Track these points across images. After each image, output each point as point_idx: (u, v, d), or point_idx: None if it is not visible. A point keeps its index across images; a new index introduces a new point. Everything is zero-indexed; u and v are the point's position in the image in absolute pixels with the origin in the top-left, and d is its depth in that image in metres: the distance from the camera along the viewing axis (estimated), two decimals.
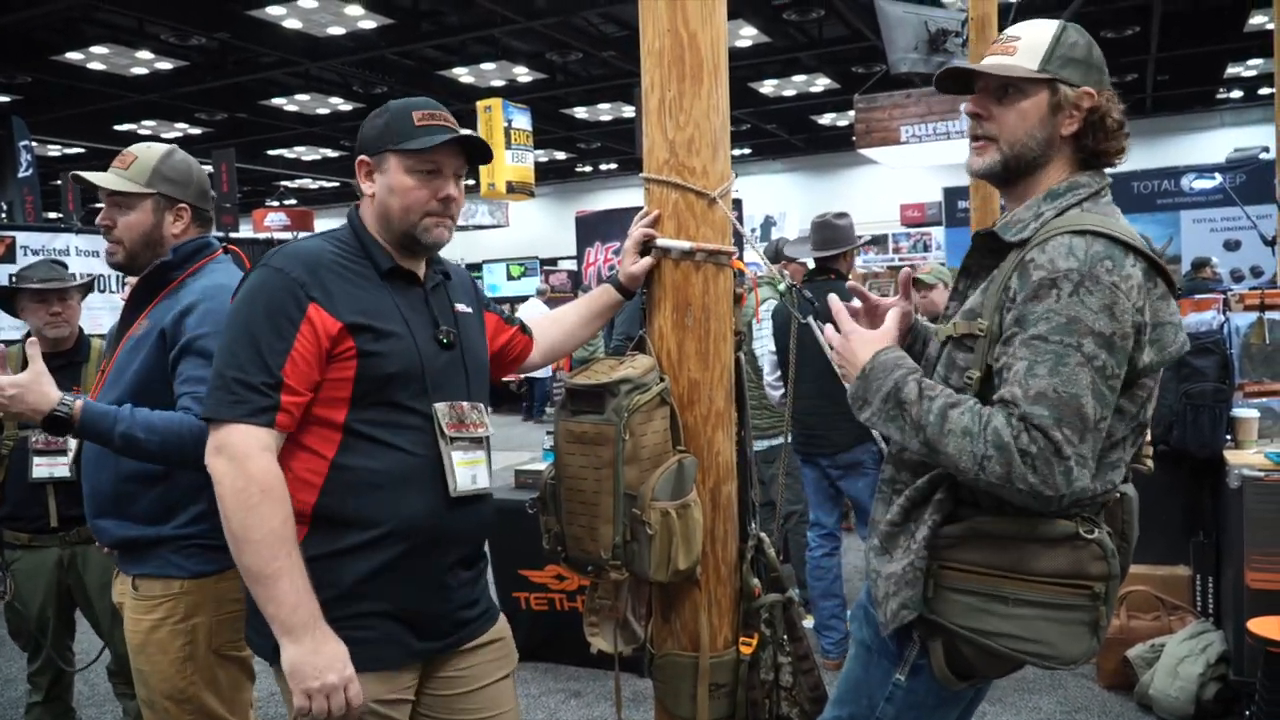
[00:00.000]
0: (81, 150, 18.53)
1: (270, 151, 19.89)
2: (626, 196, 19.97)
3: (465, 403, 1.81)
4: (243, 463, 1.60)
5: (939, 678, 1.65)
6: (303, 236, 1.94)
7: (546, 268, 17.50)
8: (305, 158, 20.85)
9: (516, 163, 11.33)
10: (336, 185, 23.52)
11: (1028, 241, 1.58)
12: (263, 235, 16.10)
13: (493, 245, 20.20)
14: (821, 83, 16.06)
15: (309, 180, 23.51)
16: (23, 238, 7.38)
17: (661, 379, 1.90)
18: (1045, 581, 1.54)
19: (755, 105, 16.85)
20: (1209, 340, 3.86)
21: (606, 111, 17.55)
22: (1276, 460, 3.46)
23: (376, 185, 1.79)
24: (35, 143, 13.35)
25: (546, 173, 22.16)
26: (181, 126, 17.24)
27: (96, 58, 12.86)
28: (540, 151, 19.21)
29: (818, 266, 4.38)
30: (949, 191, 13.31)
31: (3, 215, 12.60)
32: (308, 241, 1.79)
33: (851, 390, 1.65)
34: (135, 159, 2.23)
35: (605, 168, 23.63)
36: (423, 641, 1.77)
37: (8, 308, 3.22)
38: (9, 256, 7.11)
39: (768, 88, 16.22)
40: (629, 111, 16.56)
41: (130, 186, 2.20)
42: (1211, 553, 3.88)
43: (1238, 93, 17.84)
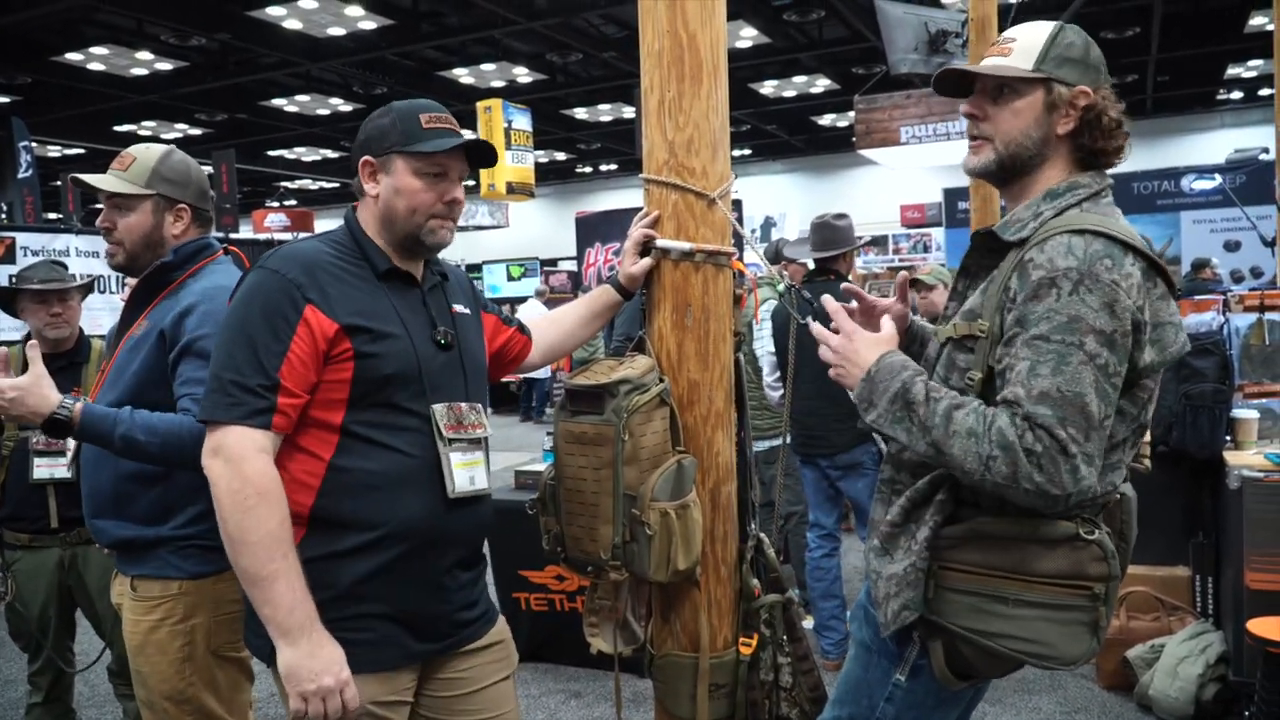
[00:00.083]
0: (81, 151, 18.54)
1: (270, 152, 19.90)
2: (626, 197, 19.98)
3: (463, 404, 1.81)
4: (239, 465, 1.60)
5: (939, 678, 1.65)
6: (301, 238, 1.93)
7: (546, 268, 17.49)
8: (305, 158, 20.87)
9: (516, 163, 11.34)
10: (336, 186, 23.52)
11: (1026, 241, 1.58)
12: (263, 236, 16.08)
13: (493, 246, 20.20)
14: (821, 83, 16.06)
15: (309, 181, 23.52)
16: (23, 238, 7.37)
17: (661, 380, 1.89)
18: (1045, 582, 1.54)
19: (755, 106, 16.86)
20: (1209, 341, 3.86)
21: (606, 112, 17.55)
22: (1276, 461, 3.46)
23: (381, 186, 1.79)
24: (35, 143, 13.36)
25: (546, 173, 22.17)
26: (181, 127, 17.24)
27: (96, 58, 12.87)
28: (540, 152, 19.22)
29: (817, 267, 4.38)
30: (949, 192, 13.33)
31: (3, 216, 12.61)
32: (304, 243, 1.79)
33: (857, 393, 1.64)
34: (134, 160, 2.23)
35: (605, 168, 23.64)
36: (421, 643, 1.77)
37: (8, 308, 3.22)
38: (9, 257, 7.10)
39: (768, 88, 16.22)
40: (629, 112, 16.57)
41: (129, 188, 2.20)
42: (1211, 553, 3.88)
43: (1238, 94, 17.85)
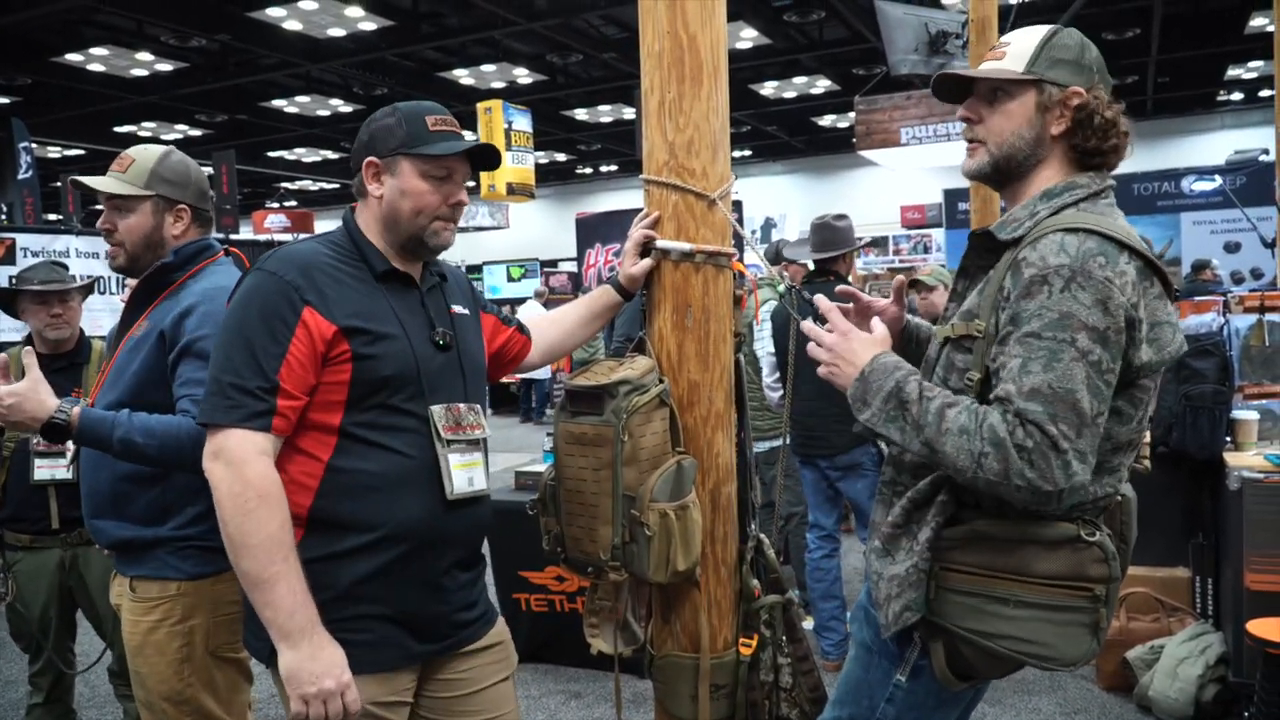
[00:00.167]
0: (81, 152, 18.55)
1: (270, 153, 19.91)
2: (626, 198, 20.00)
3: (462, 404, 1.81)
4: (239, 468, 1.60)
5: (939, 679, 1.65)
6: (301, 239, 1.93)
7: (547, 269, 17.49)
8: (305, 159, 20.88)
9: (517, 164, 11.34)
10: (336, 187, 23.53)
11: (1021, 240, 1.58)
12: (263, 237, 16.09)
13: (493, 247, 20.21)
14: (822, 84, 16.07)
15: (309, 182, 23.53)
16: (23, 239, 7.36)
17: (661, 380, 1.89)
18: (1046, 584, 1.54)
19: (755, 107, 16.86)
20: (1209, 342, 3.86)
21: (607, 113, 17.56)
22: (1276, 462, 3.46)
23: (386, 188, 1.78)
24: (35, 144, 13.37)
25: (547, 174, 22.17)
26: (182, 128, 17.25)
27: (96, 59, 12.88)
28: (540, 153, 19.23)
29: (817, 268, 4.39)
30: (949, 193, 13.32)
31: (2, 217, 12.62)
32: (301, 245, 1.79)
33: (851, 392, 1.65)
34: (133, 161, 2.23)
35: (605, 169, 23.65)
36: (421, 644, 1.77)
37: (8, 309, 3.21)
38: (9, 258, 7.09)
39: (768, 89, 16.23)
40: (629, 113, 16.58)
41: (129, 189, 2.20)
42: (1211, 554, 3.88)
43: (1238, 95, 17.86)
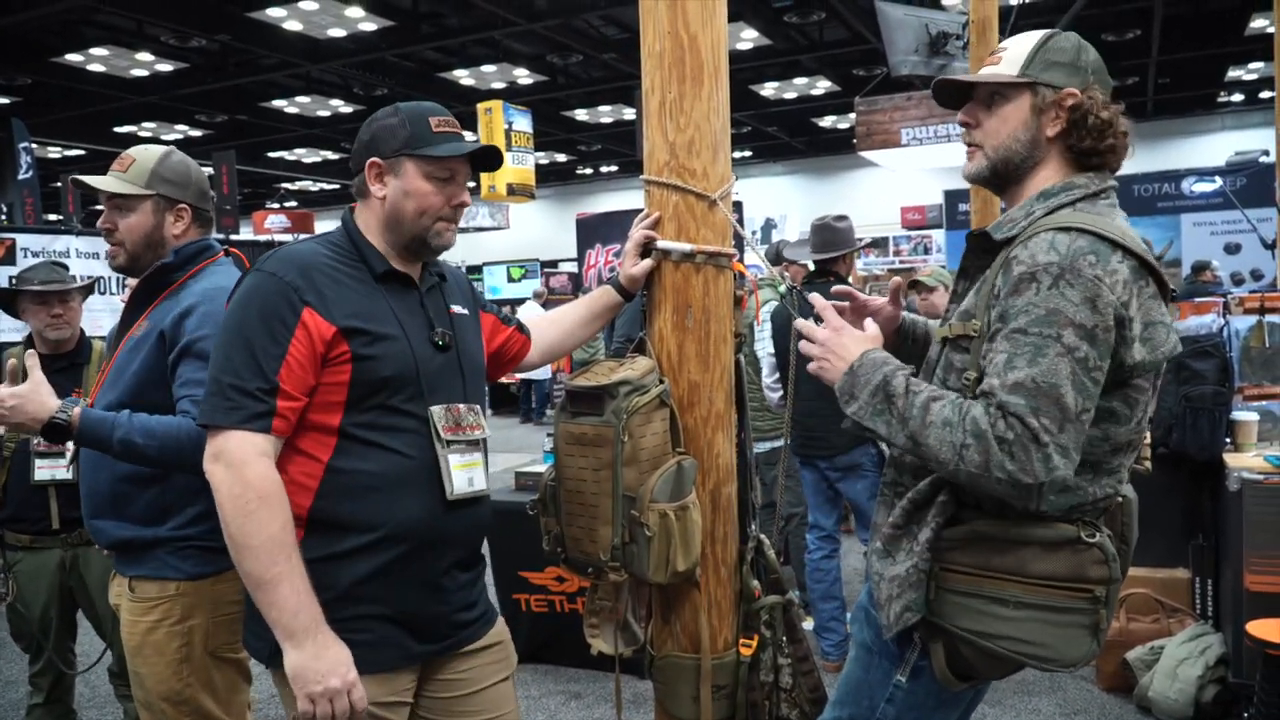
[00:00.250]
0: (81, 152, 18.55)
1: (271, 154, 19.91)
2: (627, 199, 19.99)
3: (462, 405, 1.82)
4: (240, 469, 1.60)
5: (940, 679, 1.65)
6: (300, 239, 1.93)
7: (547, 270, 17.50)
8: (305, 160, 20.88)
9: (517, 165, 11.35)
10: (336, 187, 23.53)
11: (1016, 239, 1.59)
12: (263, 237, 16.09)
13: (493, 247, 20.22)
14: (822, 85, 16.08)
15: (309, 182, 23.54)
16: (23, 240, 7.36)
17: (661, 381, 1.90)
18: (1046, 584, 1.54)
19: (756, 108, 16.87)
20: (1209, 343, 3.86)
21: (607, 114, 17.57)
22: (1276, 463, 3.46)
23: (389, 188, 1.79)
24: (35, 145, 13.38)
25: (547, 175, 22.18)
26: (182, 128, 17.26)
27: (96, 59, 12.88)
28: (541, 154, 19.23)
29: (818, 269, 4.39)
30: (949, 194, 13.32)
31: (3, 217, 12.62)
32: (301, 245, 1.79)
33: (839, 385, 1.65)
34: (133, 161, 2.23)
35: (606, 170, 23.65)
36: (421, 644, 1.77)
37: (9, 310, 3.21)
38: (9, 258, 7.09)
39: (768, 90, 16.24)
40: (629, 114, 16.58)
41: (129, 189, 2.20)
42: (1211, 555, 3.88)
43: (1238, 96, 17.87)
